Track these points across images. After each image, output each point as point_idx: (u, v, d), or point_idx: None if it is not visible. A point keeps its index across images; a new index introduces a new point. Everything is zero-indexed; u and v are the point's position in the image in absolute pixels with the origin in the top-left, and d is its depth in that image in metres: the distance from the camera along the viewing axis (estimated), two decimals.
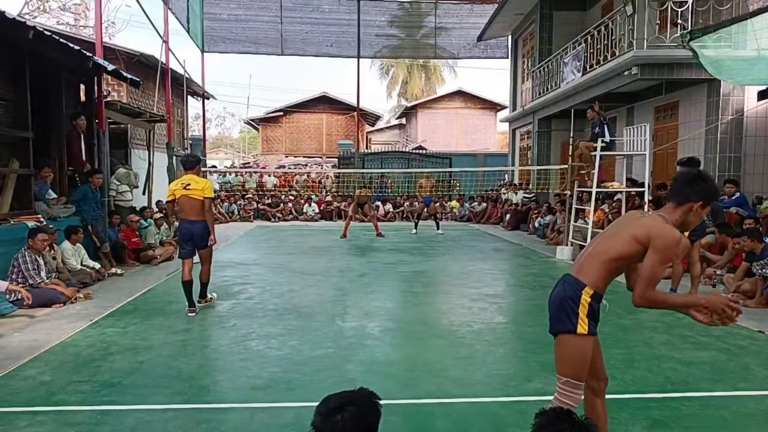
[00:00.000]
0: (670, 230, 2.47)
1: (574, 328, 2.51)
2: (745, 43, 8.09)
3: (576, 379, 2.53)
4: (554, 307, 2.60)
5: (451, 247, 11.94)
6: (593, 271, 2.55)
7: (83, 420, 3.38)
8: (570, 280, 2.60)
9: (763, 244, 6.68)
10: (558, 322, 2.57)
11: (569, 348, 2.54)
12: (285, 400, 3.70)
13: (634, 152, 10.48)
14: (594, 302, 2.53)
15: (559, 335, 2.58)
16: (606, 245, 2.59)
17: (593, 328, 2.53)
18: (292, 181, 22.14)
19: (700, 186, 2.56)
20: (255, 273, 8.56)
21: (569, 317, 2.52)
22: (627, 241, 2.52)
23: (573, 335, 2.51)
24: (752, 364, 4.42)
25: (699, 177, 2.60)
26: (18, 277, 6.20)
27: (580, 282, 2.55)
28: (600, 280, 2.55)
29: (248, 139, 56.98)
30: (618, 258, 2.54)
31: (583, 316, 2.51)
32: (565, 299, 2.55)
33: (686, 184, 2.58)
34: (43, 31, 7.53)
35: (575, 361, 2.53)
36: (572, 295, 2.54)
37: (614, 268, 2.56)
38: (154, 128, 14.32)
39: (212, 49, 21.43)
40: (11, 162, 7.92)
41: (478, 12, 21.62)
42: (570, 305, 2.53)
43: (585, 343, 2.52)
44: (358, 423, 1.76)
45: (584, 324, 2.51)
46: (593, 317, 2.54)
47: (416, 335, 5.33)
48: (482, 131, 33.18)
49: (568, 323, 2.52)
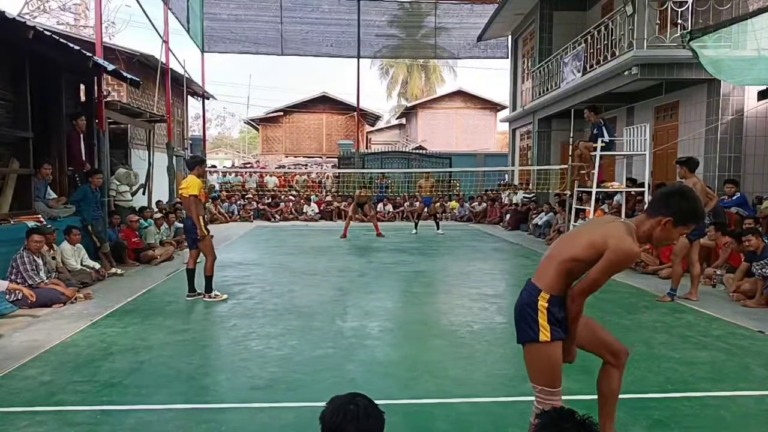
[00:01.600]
0: (629, 244, 2.34)
1: (537, 335, 2.42)
2: (745, 43, 8.09)
3: (550, 387, 2.46)
4: (516, 316, 2.54)
5: (451, 247, 11.94)
6: (549, 275, 2.46)
7: (83, 420, 3.38)
8: (529, 287, 2.52)
9: (763, 243, 6.68)
10: (521, 331, 2.50)
11: (536, 357, 2.47)
12: (285, 400, 3.70)
13: (634, 152, 10.48)
14: (552, 306, 2.43)
15: (525, 345, 2.50)
16: (563, 247, 2.50)
17: (557, 333, 2.43)
18: (292, 181, 22.16)
19: (677, 203, 2.41)
20: (255, 273, 8.56)
21: (530, 325, 2.44)
22: (584, 246, 2.41)
23: (537, 344, 2.43)
24: (752, 364, 4.42)
25: (679, 193, 2.45)
26: (17, 277, 6.19)
27: (536, 287, 2.47)
28: (555, 283, 2.44)
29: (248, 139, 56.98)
30: (571, 259, 2.43)
31: (543, 323, 2.42)
32: (523, 307, 2.49)
33: (664, 196, 2.46)
34: (43, 31, 7.53)
35: (544, 369, 2.46)
36: (529, 301, 2.47)
37: (568, 269, 2.44)
38: (154, 128, 14.32)
39: (212, 49, 21.44)
40: (11, 162, 7.92)
41: (478, 12, 21.63)
42: (528, 313, 2.45)
43: (551, 350, 2.44)
44: (368, 411, 1.78)
45: (546, 330, 2.41)
46: (556, 322, 2.44)
47: (416, 335, 5.33)
48: (482, 131, 33.18)
49: (530, 332, 2.44)
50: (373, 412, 1.80)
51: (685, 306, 6.37)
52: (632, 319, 5.83)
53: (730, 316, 5.88)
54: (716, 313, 6.03)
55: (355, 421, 1.74)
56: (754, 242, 6.75)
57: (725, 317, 5.86)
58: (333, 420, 1.75)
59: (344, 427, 1.73)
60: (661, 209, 2.42)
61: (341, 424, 1.74)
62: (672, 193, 2.47)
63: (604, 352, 2.68)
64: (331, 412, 1.78)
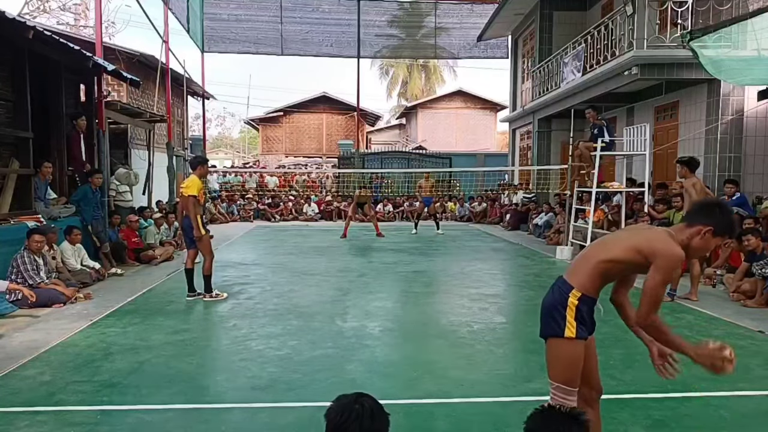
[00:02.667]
0: (675, 249, 2.38)
1: (562, 331, 2.44)
2: (745, 43, 8.08)
3: (567, 385, 2.47)
4: (544, 310, 2.56)
5: (451, 247, 11.94)
6: (583, 273, 2.49)
7: (83, 420, 3.38)
8: (560, 283, 2.55)
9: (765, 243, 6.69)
10: (546, 325, 2.52)
11: (558, 352, 2.49)
12: (285, 400, 3.70)
13: (634, 152, 10.48)
14: (582, 305, 2.46)
15: (549, 339, 2.52)
16: (602, 248, 2.53)
17: (583, 331, 2.46)
18: (292, 181, 22.15)
19: (716, 214, 2.47)
20: (255, 273, 8.56)
21: (557, 320, 2.46)
22: (627, 248, 2.45)
23: (561, 339, 2.45)
24: (752, 364, 4.42)
25: (719, 205, 2.55)
26: (17, 277, 6.19)
27: (568, 284, 2.50)
28: (589, 282, 2.47)
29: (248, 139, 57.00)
30: (612, 260, 2.46)
31: (570, 319, 2.44)
32: (553, 302, 2.51)
33: (705, 207, 2.53)
34: (43, 31, 7.54)
35: (564, 365, 2.47)
36: (560, 297, 2.49)
37: (605, 270, 2.47)
38: (154, 128, 14.32)
39: (212, 49, 21.42)
40: (11, 162, 7.92)
41: (478, 12, 21.61)
42: (558, 308, 2.47)
43: (574, 347, 2.45)
44: (374, 412, 1.77)
45: (572, 327, 2.43)
46: (582, 321, 2.46)
47: (416, 335, 5.33)
48: (482, 131, 33.17)
49: (556, 327, 2.46)
50: (379, 413, 1.78)
51: (685, 306, 6.37)
52: None
53: (730, 316, 5.88)
54: (716, 313, 6.03)
55: (360, 421, 1.72)
56: (754, 242, 6.75)
57: (725, 317, 5.86)
58: (338, 419, 1.74)
59: (349, 427, 1.72)
60: (702, 219, 2.46)
61: (346, 423, 1.72)
62: (713, 205, 2.55)
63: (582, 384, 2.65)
64: (336, 411, 1.77)
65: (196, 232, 6.50)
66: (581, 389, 2.62)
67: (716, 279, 7.58)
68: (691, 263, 6.75)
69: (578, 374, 2.50)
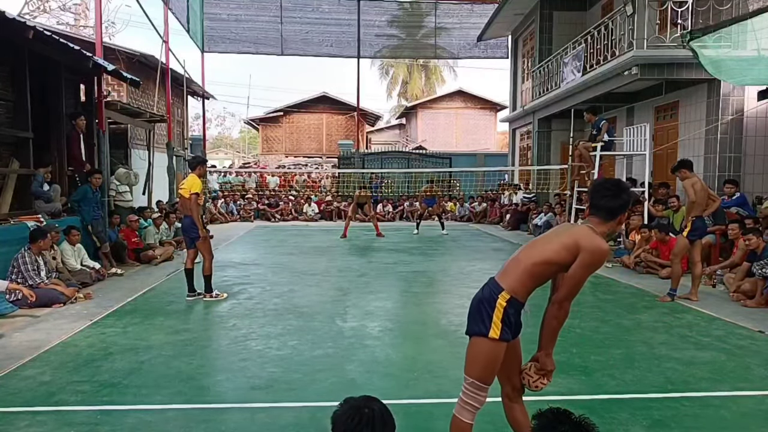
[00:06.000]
0: (600, 244, 2.46)
1: (487, 331, 2.47)
2: (745, 43, 8.08)
3: (481, 382, 2.51)
4: (472, 308, 2.59)
5: (451, 247, 11.94)
6: (514, 277, 2.52)
7: (83, 420, 3.38)
8: (491, 284, 2.57)
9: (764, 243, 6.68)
10: (473, 323, 2.55)
11: (479, 350, 2.51)
12: (285, 400, 3.70)
13: (634, 152, 10.49)
14: (510, 308, 2.48)
15: (473, 337, 2.54)
16: (533, 251, 2.56)
17: (506, 334, 2.48)
18: (292, 181, 22.16)
19: (625, 200, 2.58)
20: (255, 273, 8.56)
21: (483, 320, 2.49)
22: (556, 249, 2.49)
23: (485, 338, 2.48)
24: (752, 364, 4.42)
25: (622, 190, 2.60)
26: (18, 277, 6.19)
27: (498, 286, 2.53)
28: (519, 286, 2.50)
29: (248, 139, 57.01)
30: (543, 263, 2.50)
31: (497, 320, 2.47)
32: (482, 301, 2.54)
33: (612, 199, 2.57)
34: (43, 31, 7.53)
35: (483, 363, 2.50)
36: (489, 297, 2.51)
37: (538, 273, 2.51)
38: (154, 128, 14.32)
39: (212, 49, 21.43)
40: (11, 162, 7.92)
41: (478, 12, 21.63)
42: (485, 308, 2.50)
43: (495, 348, 2.48)
44: (384, 418, 1.76)
45: (497, 329, 2.46)
46: (508, 323, 2.48)
47: (416, 335, 5.33)
48: (482, 131, 33.18)
49: (481, 326, 2.49)
50: (389, 419, 1.77)
51: (685, 306, 6.37)
52: (632, 319, 5.83)
53: (730, 316, 5.88)
54: (716, 313, 6.02)
55: (372, 426, 1.71)
56: (755, 242, 6.75)
57: (725, 317, 5.86)
58: (348, 423, 1.72)
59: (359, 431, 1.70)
60: (617, 211, 2.58)
61: (358, 428, 1.70)
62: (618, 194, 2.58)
63: (504, 382, 2.71)
64: (346, 415, 1.74)
65: (200, 231, 6.54)
66: (505, 388, 2.72)
67: (716, 279, 7.58)
68: (692, 263, 6.74)
69: (494, 373, 2.54)
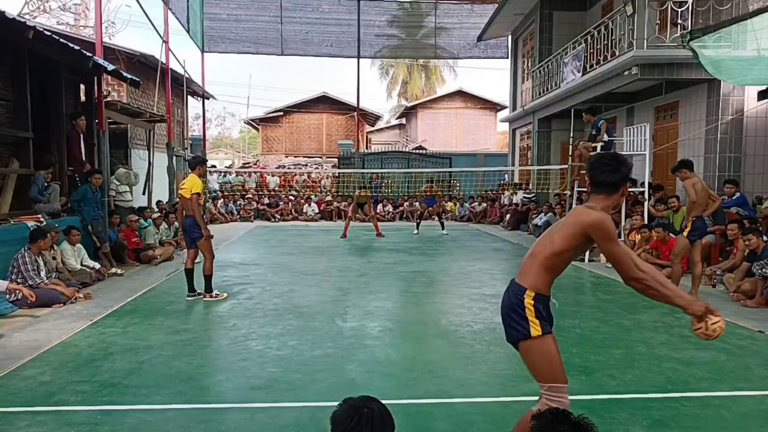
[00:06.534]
0: (597, 214, 2.48)
1: (528, 332, 2.50)
2: (745, 43, 8.08)
3: (556, 381, 2.50)
4: (504, 317, 2.61)
5: (451, 247, 11.93)
6: (532, 273, 2.56)
7: (83, 420, 3.38)
8: (513, 287, 2.61)
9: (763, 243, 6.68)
10: (511, 330, 2.57)
11: (532, 353, 2.53)
12: (285, 400, 3.70)
13: (634, 152, 10.48)
14: (538, 303, 2.51)
15: (519, 344, 2.56)
16: (544, 245, 2.59)
17: (547, 327, 2.51)
18: (292, 181, 22.15)
19: (624, 172, 2.61)
20: (255, 273, 8.56)
21: (520, 324, 2.52)
22: (564, 237, 2.52)
23: (530, 340, 2.51)
24: (752, 364, 4.42)
25: (620, 163, 2.62)
26: (17, 277, 6.19)
27: (520, 287, 2.56)
28: (539, 280, 2.53)
29: (248, 139, 57.00)
30: (554, 254, 2.52)
31: (532, 318, 2.50)
32: (510, 307, 2.57)
33: (612, 173, 2.59)
34: (43, 31, 7.54)
35: (546, 362, 2.51)
36: (516, 301, 2.55)
37: (553, 264, 2.54)
38: (154, 128, 14.32)
39: (212, 49, 21.42)
40: (11, 162, 7.93)
41: (478, 12, 21.62)
42: (517, 312, 2.53)
43: (545, 343, 2.50)
44: (384, 418, 1.76)
45: (536, 325, 2.49)
46: (543, 317, 2.52)
47: (416, 335, 5.33)
48: (482, 131, 33.17)
49: (521, 329, 2.52)
50: (388, 419, 1.77)
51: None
52: (632, 319, 5.83)
53: (730, 316, 5.87)
54: None
55: (371, 426, 1.70)
56: (755, 242, 6.75)
57: (725, 317, 5.82)
58: (347, 423, 1.71)
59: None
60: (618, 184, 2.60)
61: (357, 428, 1.69)
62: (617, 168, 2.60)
63: None
64: (345, 416, 1.73)
65: (204, 231, 6.56)
66: None
67: (716, 279, 7.57)
68: (692, 263, 6.74)
69: (562, 368, 2.53)
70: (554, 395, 2.49)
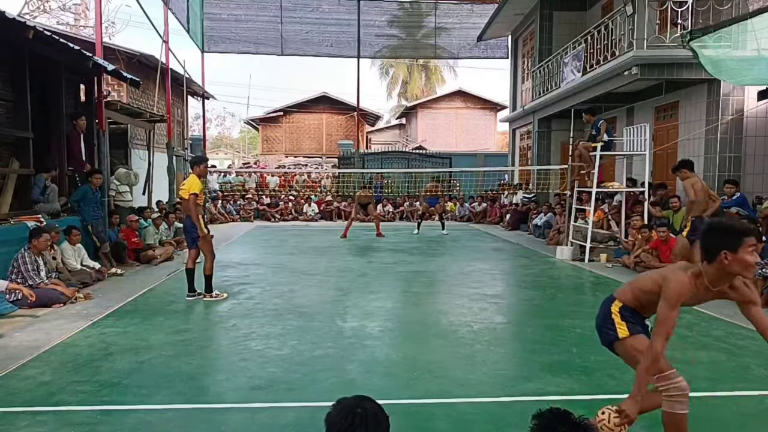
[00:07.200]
0: (682, 276, 2.57)
1: (616, 334, 2.81)
2: (745, 43, 8.09)
3: (662, 371, 2.66)
4: (598, 323, 2.98)
5: (451, 247, 11.93)
6: (625, 292, 2.90)
7: (83, 420, 3.38)
8: (607, 299, 2.98)
9: (762, 243, 6.67)
10: (604, 335, 2.91)
11: (626, 352, 2.82)
12: (285, 400, 3.70)
13: (634, 152, 10.49)
14: (623, 311, 2.83)
15: (613, 345, 2.87)
16: (639, 281, 2.89)
17: (633, 327, 2.79)
18: (292, 181, 22.15)
19: (716, 236, 2.52)
20: (255, 273, 8.56)
21: (609, 328, 2.86)
22: (651, 281, 2.76)
23: (619, 341, 2.82)
24: (752, 364, 4.42)
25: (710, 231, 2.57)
26: (17, 277, 6.19)
27: (612, 297, 2.93)
28: (629, 299, 2.85)
29: (248, 139, 56.99)
30: (640, 289, 2.81)
31: (618, 321, 2.81)
32: (601, 317, 2.94)
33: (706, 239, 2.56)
34: (43, 31, 7.54)
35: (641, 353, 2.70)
36: (605, 309, 2.92)
37: (639, 296, 2.82)
38: (154, 128, 14.32)
39: (212, 49, 21.41)
40: (11, 162, 7.92)
41: (478, 12, 21.61)
42: (606, 319, 2.89)
43: (634, 341, 2.77)
44: (378, 418, 1.75)
45: (623, 327, 2.79)
46: (629, 319, 2.80)
47: (416, 335, 5.33)
48: (482, 131, 33.17)
49: (610, 332, 2.85)
50: (382, 416, 1.77)
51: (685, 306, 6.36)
52: None
53: (730, 316, 5.87)
54: (716, 313, 6.02)
55: (365, 426, 1.69)
56: None
57: (725, 317, 5.86)
58: (341, 423, 1.70)
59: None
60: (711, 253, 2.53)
61: (351, 428, 1.69)
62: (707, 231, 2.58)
63: None
64: (339, 416, 1.72)
65: (199, 231, 6.53)
66: None
67: None
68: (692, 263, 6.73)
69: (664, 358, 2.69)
70: (666, 382, 2.67)
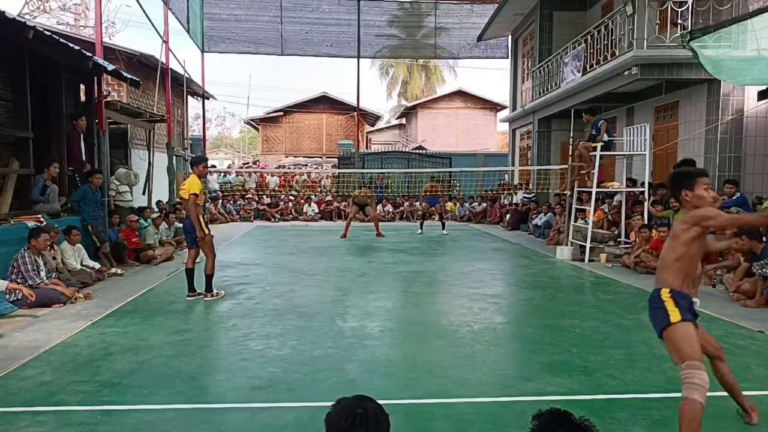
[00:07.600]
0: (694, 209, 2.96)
1: (669, 319, 2.90)
2: (745, 43, 8.09)
3: (692, 359, 2.81)
4: (650, 315, 3.07)
5: (451, 247, 11.93)
6: (664, 277, 3.02)
7: (83, 420, 3.38)
8: (653, 293, 3.06)
9: (762, 244, 6.68)
10: (657, 323, 2.99)
11: (675, 337, 2.90)
12: (285, 400, 3.70)
13: (634, 152, 10.49)
14: (675, 295, 2.93)
15: (664, 332, 2.94)
16: (669, 253, 3.02)
17: (686, 314, 2.89)
18: (292, 181, 22.15)
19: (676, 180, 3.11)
20: (255, 273, 8.56)
21: (661, 314, 2.94)
22: (681, 242, 2.95)
23: (672, 326, 2.90)
24: (752, 364, 4.42)
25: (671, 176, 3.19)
26: (17, 277, 6.19)
27: (657, 290, 3.02)
28: (672, 281, 2.97)
29: (248, 139, 56.99)
30: (676, 259, 2.97)
31: (671, 307, 2.91)
32: (652, 307, 3.03)
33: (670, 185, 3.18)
34: (43, 31, 7.54)
35: (684, 343, 2.86)
36: (656, 299, 3.01)
37: (678, 267, 2.97)
38: (154, 128, 14.32)
39: (212, 49, 21.42)
40: (11, 162, 7.92)
41: (478, 12, 21.61)
42: (658, 306, 2.98)
43: (684, 328, 2.87)
44: (378, 418, 1.74)
45: (675, 312, 2.88)
46: (681, 306, 2.90)
47: (416, 335, 5.33)
48: (482, 131, 33.16)
49: (664, 319, 2.92)
50: (382, 418, 1.76)
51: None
52: (632, 319, 5.83)
53: (730, 316, 5.88)
54: (716, 313, 6.02)
55: (366, 426, 1.68)
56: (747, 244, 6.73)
57: (725, 317, 5.86)
58: (341, 423, 1.69)
59: None
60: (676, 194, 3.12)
61: (352, 428, 1.68)
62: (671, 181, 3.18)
63: (709, 347, 3.21)
64: (338, 416, 1.71)
65: (198, 232, 6.52)
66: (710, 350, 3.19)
67: (716, 279, 7.57)
68: None
69: (697, 349, 2.88)
70: (690, 372, 2.83)
